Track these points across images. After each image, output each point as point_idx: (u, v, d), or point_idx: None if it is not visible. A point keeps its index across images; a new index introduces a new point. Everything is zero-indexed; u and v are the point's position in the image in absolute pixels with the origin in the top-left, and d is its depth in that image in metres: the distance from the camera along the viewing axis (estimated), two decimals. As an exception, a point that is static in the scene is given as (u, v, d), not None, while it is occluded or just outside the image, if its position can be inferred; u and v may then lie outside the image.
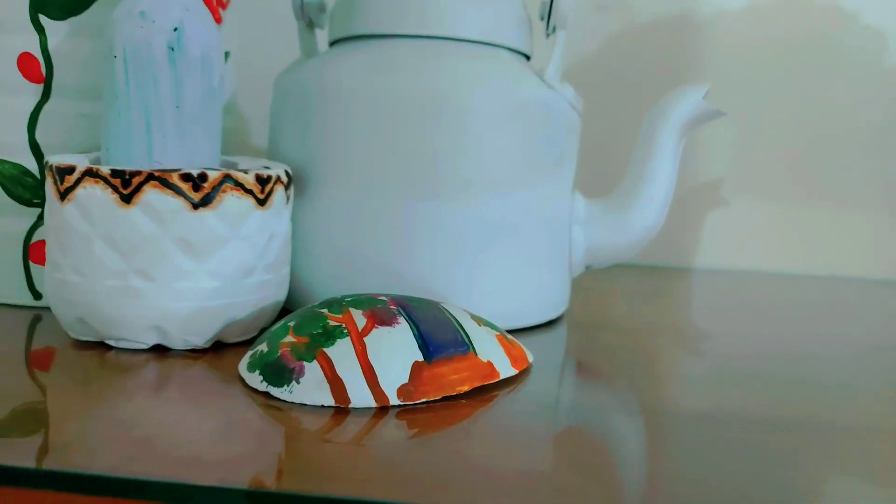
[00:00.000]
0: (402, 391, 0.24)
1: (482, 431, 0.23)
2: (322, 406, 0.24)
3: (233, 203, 0.28)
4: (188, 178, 0.27)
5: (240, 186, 0.28)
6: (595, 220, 0.38)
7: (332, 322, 0.25)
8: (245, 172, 0.28)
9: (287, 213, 0.31)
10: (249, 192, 0.28)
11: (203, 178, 0.27)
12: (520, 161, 0.34)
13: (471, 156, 0.33)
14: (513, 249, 0.34)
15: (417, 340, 0.25)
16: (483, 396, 0.26)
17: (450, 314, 0.28)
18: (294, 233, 0.34)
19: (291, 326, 0.26)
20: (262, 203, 0.29)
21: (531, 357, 0.30)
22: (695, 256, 0.61)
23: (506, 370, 0.27)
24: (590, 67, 0.59)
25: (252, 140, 0.57)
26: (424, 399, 0.24)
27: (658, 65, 0.59)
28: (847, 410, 0.27)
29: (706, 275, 0.58)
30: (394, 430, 0.23)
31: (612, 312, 0.41)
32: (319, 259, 0.34)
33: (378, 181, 0.33)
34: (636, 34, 0.59)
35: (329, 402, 0.24)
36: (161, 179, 0.26)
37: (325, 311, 0.26)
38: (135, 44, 0.28)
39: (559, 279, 0.37)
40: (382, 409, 0.24)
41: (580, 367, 0.30)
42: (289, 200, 0.31)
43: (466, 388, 0.25)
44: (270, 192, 0.29)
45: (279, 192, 0.30)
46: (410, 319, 0.26)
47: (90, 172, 0.26)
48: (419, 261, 0.33)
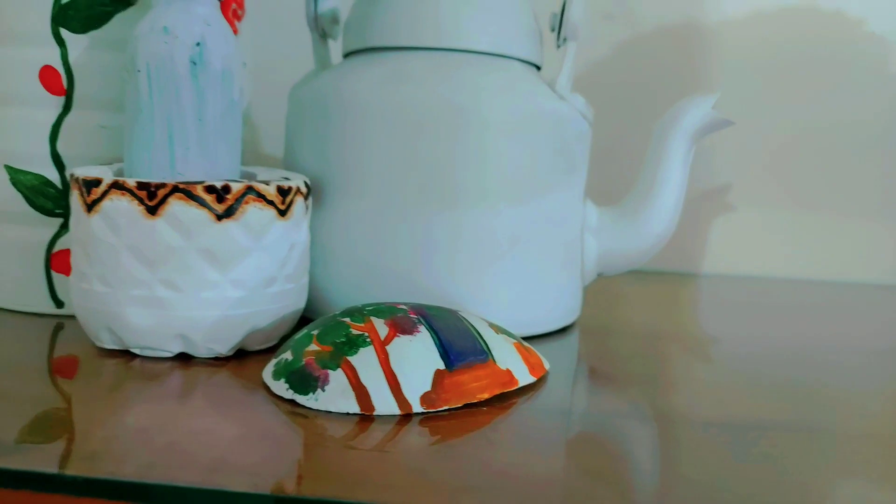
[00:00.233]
0: (425, 399, 0.25)
1: (502, 438, 0.23)
2: (347, 413, 0.24)
3: (255, 214, 0.28)
4: (212, 190, 0.27)
5: (262, 198, 0.29)
6: (607, 228, 0.39)
7: (355, 331, 0.26)
8: (266, 184, 0.29)
9: (306, 223, 0.32)
10: (271, 203, 0.29)
11: (226, 190, 0.28)
12: (534, 171, 0.34)
13: (487, 166, 0.33)
14: (527, 258, 0.35)
15: (438, 349, 0.26)
16: (502, 404, 0.26)
17: (468, 322, 0.28)
18: (312, 242, 0.35)
19: (315, 335, 0.26)
20: (283, 214, 0.30)
21: (547, 364, 0.30)
22: (702, 262, 0.62)
23: (524, 378, 0.27)
24: (597, 75, 0.60)
25: (264, 149, 0.58)
26: (446, 406, 0.25)
27: (664, 72, 0.60)
28: (858, 416, 0.27)
29: (713, 280, 0.58)
30: (417, 437, 0.23)
31: (623, 318, 0.42)
32: (337, 267, 0.34)
33: (395, 191, 0.33)
34: (643, 42, 0.60)
35: (354, 410, 0.24)
36: (186, 191, 0.27)
37: (348, 320, 0.27)
38: (158, 59, 0.28)
39: (572, 287, 0.37)
40: (406, 417, 0.24)
41: (594, 374, 0.31)
42: (307, 210, 0.32)
43: (487, 396, 0.26)
44: (291, 203, 0.30)
45: (299, 203, 0.31)
46: (431, 328, 0.27)
47: (116, 185, 0.27)
48: (435, 269, 0.33)
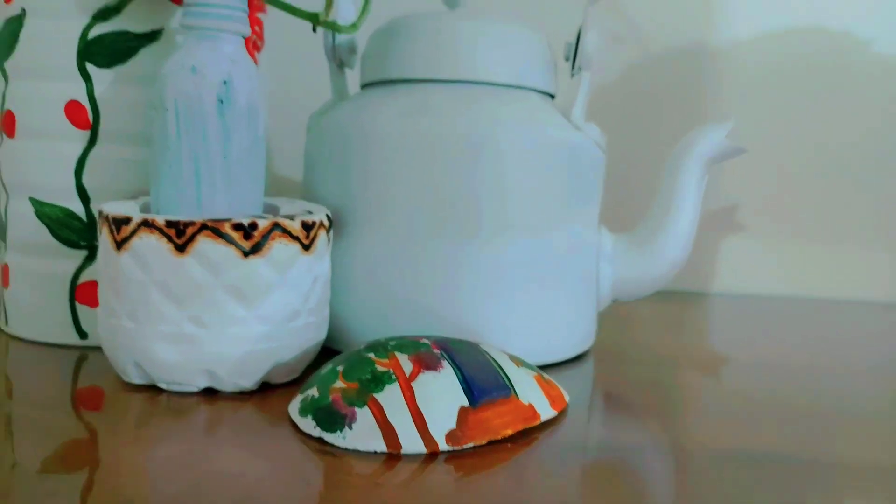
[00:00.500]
0: (451, 437, 0.25)
1: (527, 474, 0.24)
2: (374, 452, 0.25)
3: (281, 250, 0.29)
4: (239, 228, 0.28)
5: (287, 233, 0.29)
6: (621, 255, 0.39)
7: (380, 367, 0.26)
8: (291, 219, 0.29)
9: (328, 255, 0.32)
10: (296, 239, 0.29)
11: (253, 227, 0.28)
12: (551, 202, 0.35)
13: (505, 198, 0.34)
14: (544, 287, 0.35)
15: (462, 385, 0.26)
16: (525, 439, 0.27)
17: (489, 356, 0.29)
18: (333, 272, 0.35)
19: (340, 371, 0.27)
20: (307, 248, 0.30)
21: (567, 396, 0.30)
22: (712, 281, 0.62)
23: (546, 412, 0.28)
24: (606, 96, 0.60)
25: (279, 170, 0.59)
26: (471, 444, 0.25)
27: (673, 94, 0.60)
28: (877, 447, 0.27)
29: (724, 299, 0.59)
30: (443, 475, 0.24)
31: (636, 342, 0.42)
32: (358, 297, 0.35)
33: (415, 222, 0.34)
34: (652, 64, 0.60)
35: (381, 449, 0.24)
36: (213, 229, 0.28)
37: (372, 356, 0.27)
38: (186, 97, 0.29)
39: (588, 314, 0.38)
40: (431, 455, 0.25)
41: (612, 404, 0.31)
42: (329, 242, 0.32)
43: (510, 432, 0.26)
44: (314, 237, 0.30)
45: (322, 236, 0.31)
46: (454, 363, 0.27)
47: (146, 223, 0.28)
48: (454, 299, 0.34)
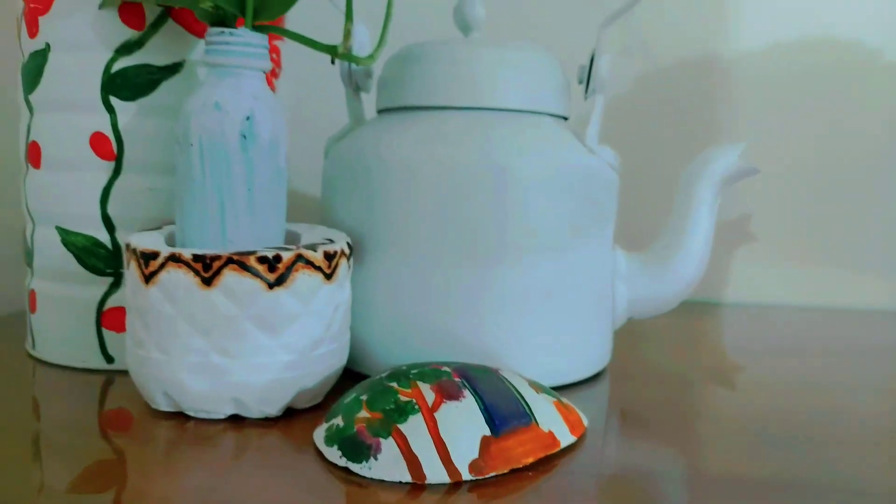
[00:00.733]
0: (473, 466, 0.26)
1: (548, 503, 0.24)
2: (399, 482, 0.25)
3: (304, 281, 0.29)
4: (264, 261, 0.29)
5: (310, 264, 0.30)
6: (637, 275, 0.40)
7: (403, 397, 0.27)
8: (314, 250, 0.30)
9: (348, 282, 0.33)
10: (318, 269, 0.30)
11: (278, 260, 0.29)
12: (568, 225, 0.35)
13: (523, 223, 0.34)
14: (562, 309, 0.36)
15: (483, 414, 0.27)
16: (545, 466, 0.27)
17: (509, 383, 0.29)
18: (353, 297, 0.36)
19: (364, 401, 0.28)
20: (329, 277, 0.31)
21: (586, 420, 0.31)
22: (724, 291, 0.63)
23: (565, 438, 0.28)
24: (615, 109, 0.61)
25: (293, 188, 0.59)
26: (493, 473, 0.26)
27: (683, 106, 0.61)
28: (893, 471, 0.28)
29: (736, 310, 0.59)
30: (468, 505, 0.24)
31: (651, 360, 0.43)
32: (378, 321, 0.35)
33: (435, 248, 0.34)
34: (661, 77, 0.61)
35: (406, 479, 0.25)
36: (239, 263, 0.28)
37: (395, 385, 0.28)
38: (210, 133, 0.29)
39: (604, 333, 0.38)
40: (455, 484, 0.25)
41: (630, 427, 0.32)
42: (349, 269, 0.33)
43: (531, 460, 0.27)
44: (336, 266, 0.31)
45: (343, 265, 0.32)
46: (475, 392, 0.28)
47: (173, 257, 0.28)
48: (473, 323, 0.34)
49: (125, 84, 0.34)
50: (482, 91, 0.36)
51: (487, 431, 0.26)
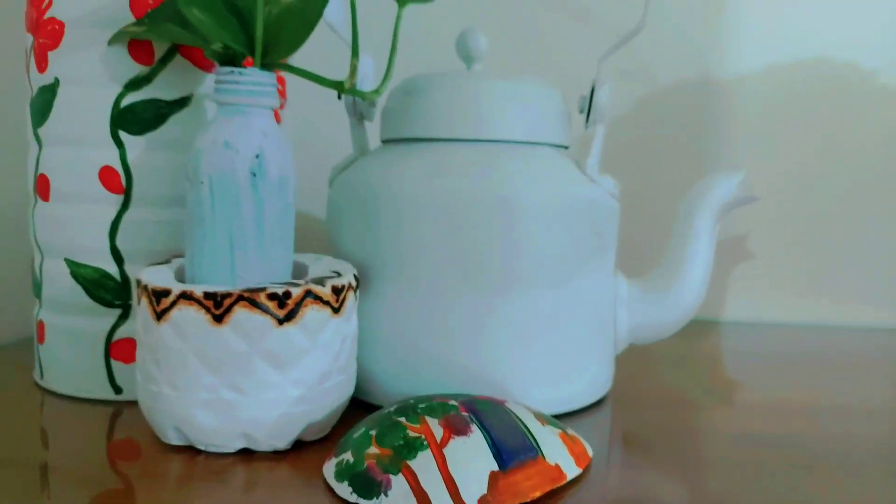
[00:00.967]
0: (482, 502, 0.26)
1: (557, 539, 0.25)
2: (409, 518, 0.26)
3: (313, 316, 0.30)
4: (274, 297, 0.29)
5: (318, 299, 0.30)
6: (638, 301, 0.40)
7: (412, 433, 0.28)
8: (322, 285, 0.31)
9: (355, 313, 0.33)
10: (326, 304, 0.30)
11: (287, 296, 0.29)
12: (570, 255, 0.36)
13: (527, 253, 0.35)
14: (565, 337, 0.36)
15: (491, 449, 0.27)
16: (553, 499, 0.28)
17: (515, 416, 0.30)
18: (359, 325, 0.36)
19: (373, 436, 0.28)
20: (337, 311, 0.31)
21: (591, 451, 0.32)
22: (723, 309, 0.63)
23: (571, 471, 0.29)
24: (614, 130, 0.61)
25: (297, 210, 0.60)
26: (502, 508, 0.26)
27: (682, 126, 0.62)
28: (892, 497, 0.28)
29: (734, 328, 0.60)
30: (477, 541, 0.25)
31: (652, 383, 0.43)
32: (384, 350, 0.36)
33: (441, 278, 0.35)
34: (660, 98, 0.62)
35: (417, 516, 0.26)
36: (249, 300, 0.29)
37: (403, 420, 0.28)
38: (220, 171, 0.30)
39: (606, 360, 0.39)
40: (464, 519, 0.26)
41: (633, 456, 0.32)
42: (356, 300, 0.33)
43: (539, 494, 0.27)
44: (344, 300, 0.32)
45: (350, 297, 0.32)
46: (482, 426, 0.28)
47: (184, 295, 0.29)
48: (478, 352, 0.35)
49: (134, 118, 0.35)
50: (485, 123, 0.37)
51: (495, 466, 0.27)
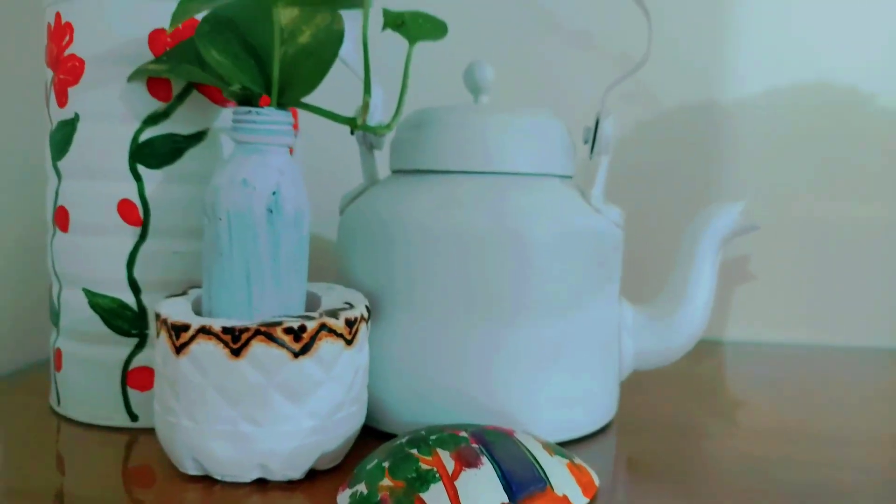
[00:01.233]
0: (494, 534, 0.27)
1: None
2: (423, 550, 0.26)
3: (327, 349, 0.31)
4: (290, 332, 0.30)
5: (332, 332, 0.31)
6: (642, 329, 0.41)
7: (424, 465, 0.28)
8: (335, 317, 0.31)
9: (367, 343, 0.34)
10: (340, 336, 0.31)
11: (302, 330, 0.30)
12: (576, 285, 0.37)
13: (534, 284, 0.35)
14: (571, 366, 0.37)
15: (501, 481, 0.28)
16: (562, 530, 0.28)
17: (524, 447, 0.30)
18: (370, 353, 0.37)
19: (386, 468, 0.29)
20: (350, 342, 0.32)
21: (597, 480, 0.32)
22: (725, 329, 0.64)
23: (579, 501, 0.30)
24: (618, 153, 0.62)
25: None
26: (513, 540, 0.27)
27: (684, 149, 0.62)
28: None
29: (736, 348, 0.60)
30: (489, 573, 0.25)
31: (655, 406, 0.44)
32: (395, 378, 0.37)
33: (451, 308, 0.35)
34: (663, 121, 0.62)
35: (430, 548, 0.26)
36: (266, 334, 0.30)
37: (415, 452, 0.29)
38: (238, 208, 0.31)
39: (611, 387, 0.40)
40: (476, 551, 0.27)
41: (639, 484, 0.33)
42: (367, 330, 0.34)
43: (548, 526, 0.28)
44: (357, 331, 0.32)
45: (363, 328, 0.33)
46: (492, 459, 0.29)
47: (203, 330, 0.29)
48: (486, 381, 0.36)
49: (152, 153, 0.36)
50: (492, 156, 0.37)
51: (505, 498, 0.28)
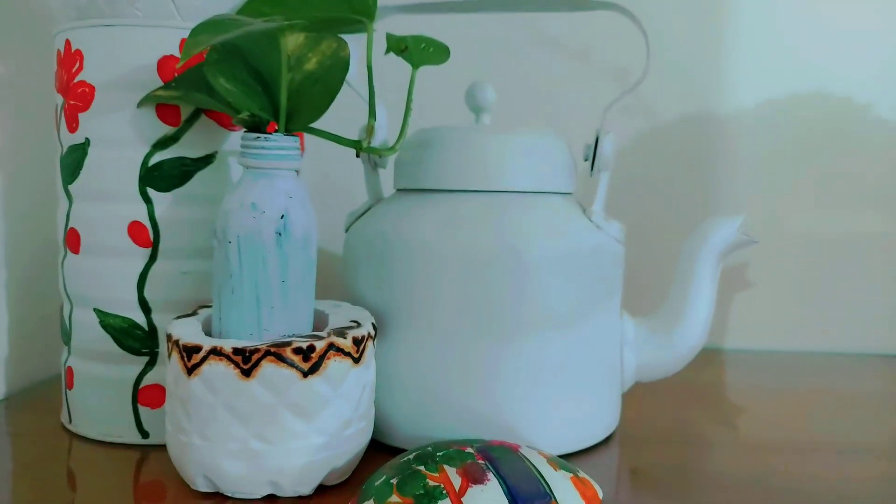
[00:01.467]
0: (500, 549, 0.27)
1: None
2: (431, 565, 0.27)
3: (335, 367, 0.31)
4: (299, 352, 0.31)
5: (340, 351, 0.32)
6: (643, 342, 0.42)
7: (432, 482, 0.29)
8: (343, 336, 0.32)
9: (373, 360, 0.35)
10: (348, 355, 0.32)
11: (311, 350, 0.31)
12: (577, 301, 0.37)
13: (537, 301, 0.36)
14: (574, 380, 0.38)
15: (507, 496, 0.29)
16: (566, 544, 0.29)
17: (529, 462, 0.31)
18: (376, 370, 0.38)
19: (394, 485, 0.29)
20: (357, 361, 0.33)
21: (601, 493, 0.33)
22: (724, 337, 0.65)
23: (583, 515, 0.30)
24: (616, 165, 0.63)
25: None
26: (519, 554, 0.28)
27: (682, 160, 0.63)
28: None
29: (736, 356, 0.61)
30: (496, 587, 0.26)
31: (656, 416, 0.45)
32: (401, 394, 0.37)
33: (455, 325, 0.36)
34: (660, 132, 0.63)
35: (438, 563, 0.27)
36: (276, 354, 0.30)
37: (423, 469, 0.30)
38: (247, 232, 0.32)
39: (613, 399, 0.40)
40: (483, 566, 0.27)
41: (642, 496, 0.34)
42: (374, 347, 0.35)
43: (552, 540, 0.29)
44: (364, 349, 0.33)
45: (370, 346, 0.34)
46: (498, 474, 0.30)
47: (215, 351, 0.30)
48: (490, 396, 0.36)
49: (161, 176, 0.36)
50: (494, 176, 0.38)
51: (511, 514, 0.28)
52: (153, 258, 0.37)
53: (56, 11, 0.38)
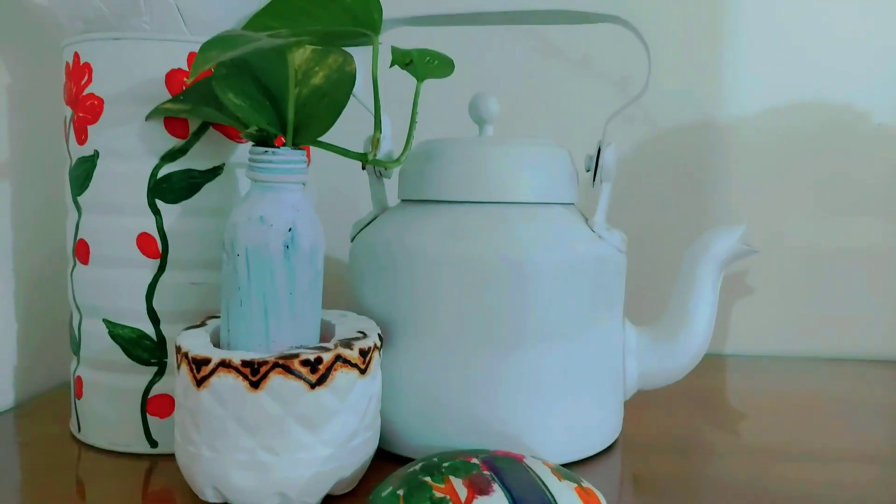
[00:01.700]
0: (506, 559, 0.28)
1: None
2: (438, 576, 0.27)
3: (342, 378, 0.32)
4: (307, 364, 0.31)
5: (347, 363, 0.32)
6: (645, 351, 0.42)
7: (438, 493, 0.29)
8: (350, 348, 0.32)
9: (379, 371, 0.35)
10: (354, 366, 0.32)
11: (319, 362, 0.31)
12: (580, 310, 0.38)
13: (540, 311, 0.37)
14: (576, 389, 0.38)
15: (512, 507, 0.29)
16: (570, 554, 0.29)
17: (534, 473, 0.31)
18: (382, 379, 0.38)
19: (401, 496, 0.30)
20: (364, 372, 0.33)
21: (605, 502, 0.33)
22: (725, 342, 0.65)
23: (587, 525, 0.31)
24: (618, 175, 0.63)
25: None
26: (524, 565, 0.28)
27: (681, 167, 0.64)
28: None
29: (736, 361, 0.62)
30: None
31: (658, 423, 0.45)
32: (406, 402, 0.38)
33: (459, 334, 0.37)
34: (660, 140, 0.64)
35: (445, 574, 0.27)
36: (284, 366, 0.31)
37: (429, 480, 0.30)
38: (255, 245, 0.32)
39: (616, 408, 0.41)
40: (489, 576, 0.28)
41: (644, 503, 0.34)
42: (380, 357, 0.35)
43: (557, 550, 0.29)
44: (370, 361, 0.33)
45: (376, 357, 0.34)
46: (504, 486, 0.30)
47: (223, 363, 0.31)
48: (494, 404, 0.37)
49: (170, 188, 0.37)
50: (497, 187, 0.39)
51: (517, 525, 0.29)
52: (161, 269, 0.37)
53: (64, 24, 0.38)
